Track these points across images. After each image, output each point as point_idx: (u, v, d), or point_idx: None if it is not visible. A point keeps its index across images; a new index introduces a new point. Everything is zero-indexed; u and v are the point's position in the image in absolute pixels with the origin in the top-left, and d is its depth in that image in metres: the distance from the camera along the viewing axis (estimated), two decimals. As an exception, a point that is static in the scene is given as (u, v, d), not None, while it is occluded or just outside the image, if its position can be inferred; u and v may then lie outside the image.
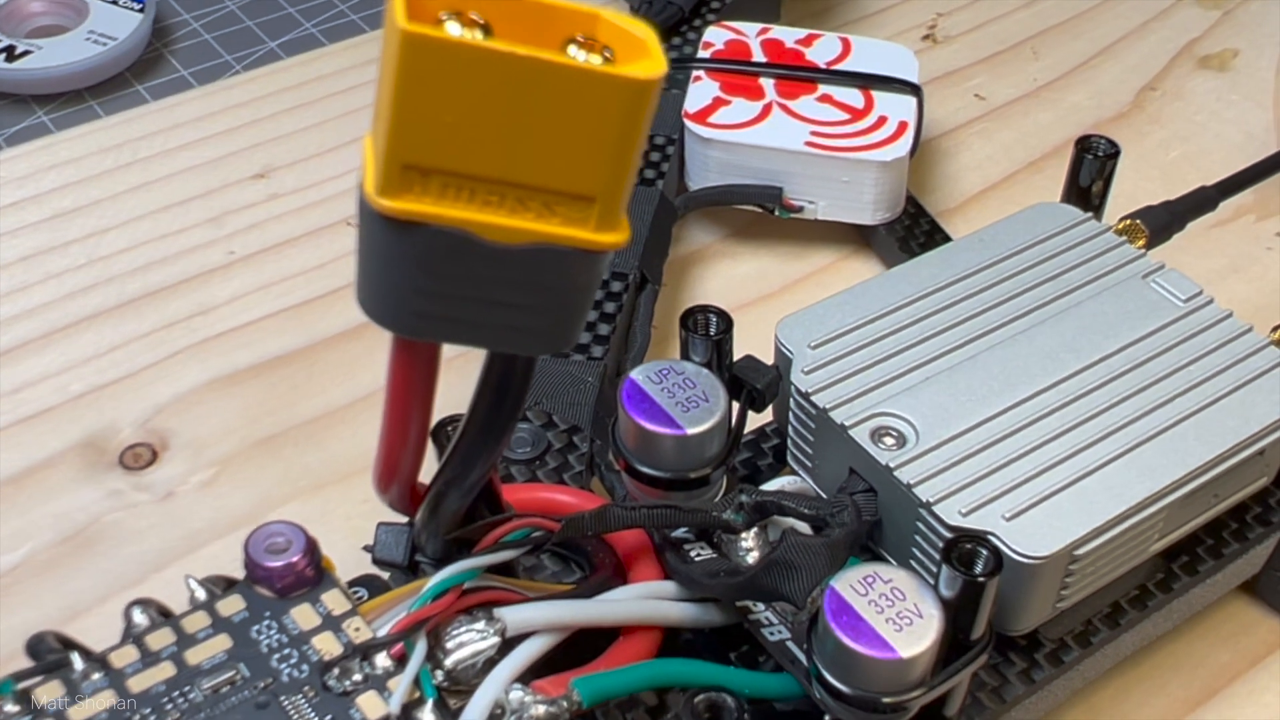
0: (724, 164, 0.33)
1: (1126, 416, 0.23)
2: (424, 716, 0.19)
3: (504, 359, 0.18)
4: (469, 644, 0.20)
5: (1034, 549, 0.21)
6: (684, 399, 0.23)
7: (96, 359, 0.32)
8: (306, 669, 0.19)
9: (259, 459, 0.30)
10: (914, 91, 0.34)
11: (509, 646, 0.20)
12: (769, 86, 0.34)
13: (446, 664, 0.20)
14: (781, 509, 0.22)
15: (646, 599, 0.22)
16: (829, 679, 0.20)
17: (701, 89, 0.34)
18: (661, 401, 0.23)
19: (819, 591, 0.20)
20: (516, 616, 0.21)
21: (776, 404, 0.25)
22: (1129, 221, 0.28)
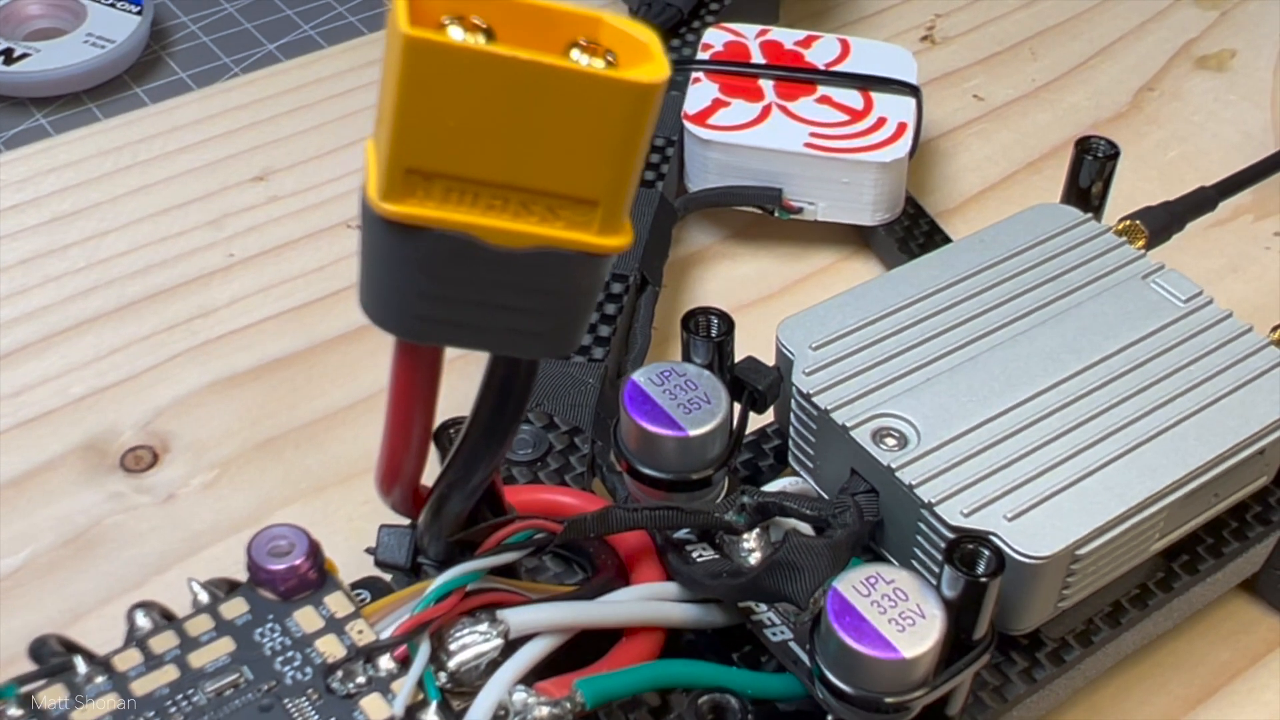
0: (723, 165, 0.33)
1: (1127, 417, 0.23)
2: (428, 718, 0.19)
3: (507, 362, 0.18)
4: (472, 646, 0.20)
5: (1036, 549, 0.21)
6: (686, 400, 0.23)
7: (97, 361, 0.32)
8: (310, 672, 0.19)
9: (260, 461, 0.30)
10: (913, 93, 0.34)
11: (512, 648, 0.20)
12: (768, 88, 0.34)
13: (450, 666, 0.20)
14: (784, 510, 0.22)
15: (649, 600, 0.22)
16: (832, 679, 0.20)
17: (700, 91, 0.34)
18: (663, 403, 0.23)
19: (821, 592, 0.20)
20: (520, 618, 0.21)
21: (777, 405, 0.25)
22: (1129, 222, 0.28)
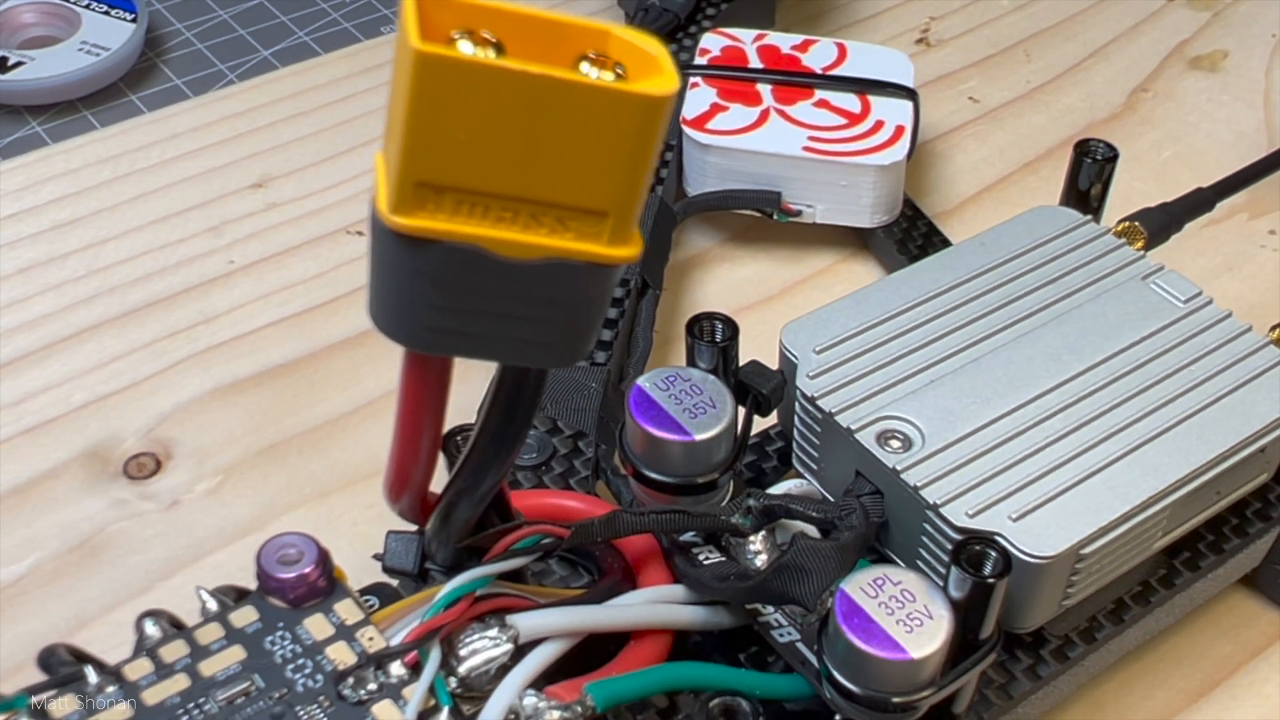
0: (722, 169, 0.33)
1: (1129, 416, 0.23)
2: (440, 724, 0.19)
3: (516, 372, 0.18)
4: (482, 651, 0.20)
5: (1041, 549, 0.21)
6: (691, 405, 0.23)
7: (99, 369, 0.32)
8: (321, 679, 0.20)
9: (263, 467, 0.30)
10: (910, 96, 0.34)
11: (521, 653, 0.20)
12: (766, 92, 0.34)
13: (460, 671, 0.20)
14: (789, 512, 0.22)
15: (657, 603, 0.22)
16: (840, 680, 0.20)
17: (699, 95, 0.34)
18: (669, 408, 0.23)
19: (829, 594, 0.20)
20: (529, 623, 0.21)
21: (781, 408, 0.25)
22: (1127, 224, 0.28)
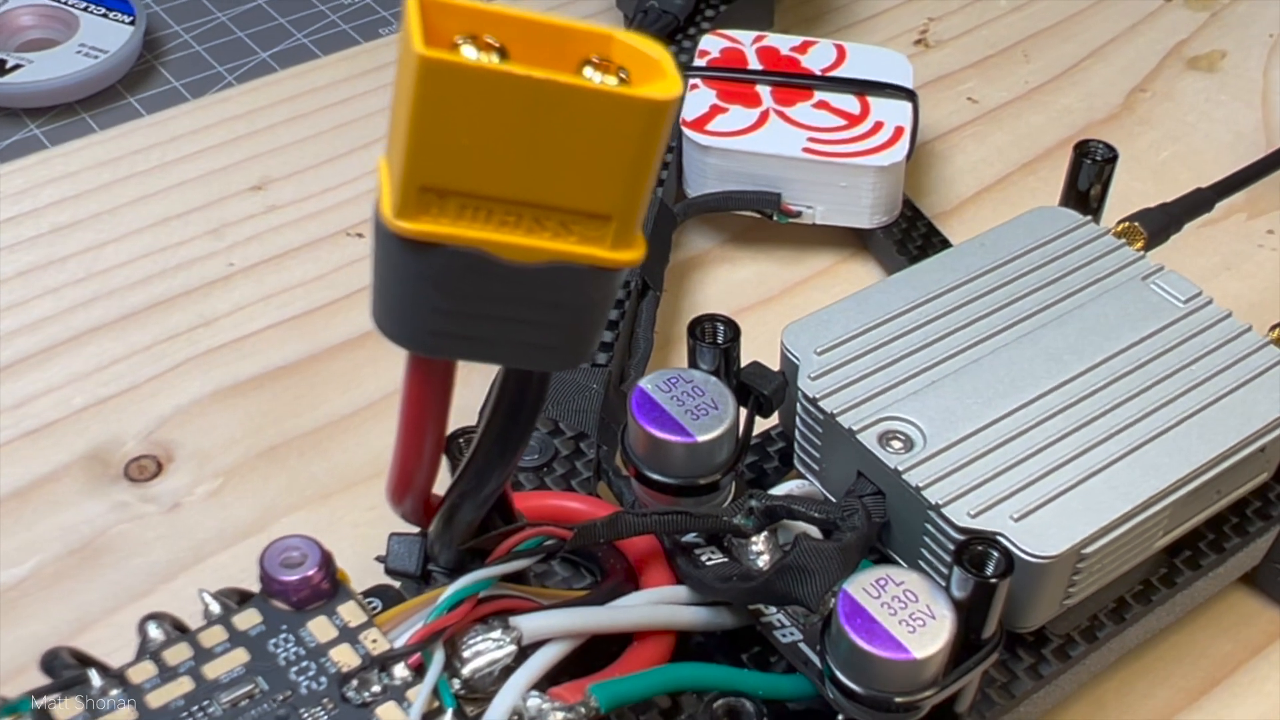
0: (722, 171, 0.33)
1: (1130, 416, 0.23)
2: (444, 726, 0.19)
3: (519, 375, 0.18)
4: (486, 653, 0.20)
5: (1042, 549, 0.21)
6: (693, 406, 0.23)
7: (99, 372, 0.32)
8: (325, 681, 0.20)
9: (264, 469, 0.30)
10: (909, 97, 0.34)
11: (525, 654, 0.21)
12: (765, 94, 0.34)
13: (464, 673, 0.20)
14: (792, 513, 0.22)
15: (659, 604, 0.22)
16: (843, 680, 0.20)
17: (698, 97, 0.34)
18: (671, 409, 0.23)
19: (832, 594, 0.20)
20: (532, 624, 0.21)
21: (782, 409, 0.25)
22: (1127, 224, 0.28)
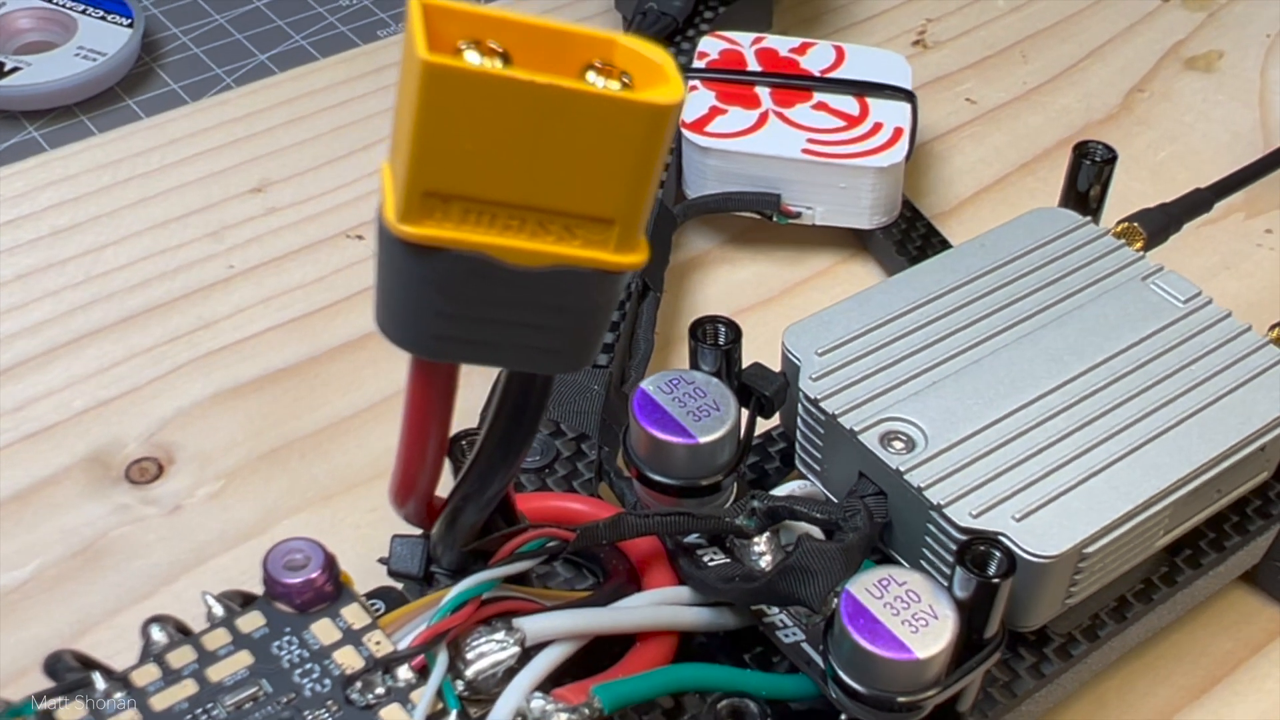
0: (722, 172, 0.33)
1: (1131, 416, 0.23)
2: (448, 727, 0.19)
3: (522, 378, 0.18)
4: (489, 654, 0.20)
5: (1044, 549, 0.21)
6: (695, 408, 0.23)
7: (99, 374, 0.32)
8: (329, 683, 0.20)
9: (265, 471, 0.30)
10: (908, 98, 0.34)
11: (528, 656, 0.21)
12: (765, 95, 0.34)
13: (467, 674, 0.20)
14: (794, 514, 0.22)
15: (662, 605, 0.22)
16: (845, 679, 0.20)
17: (698, 99, 0.34)
18: (673, 411, 0.23)
19: (834, 595, 0.20)
20: (535, 626, 0.21)
21: (783, 409, 0.25)
22: (1126, 225, 0.29)
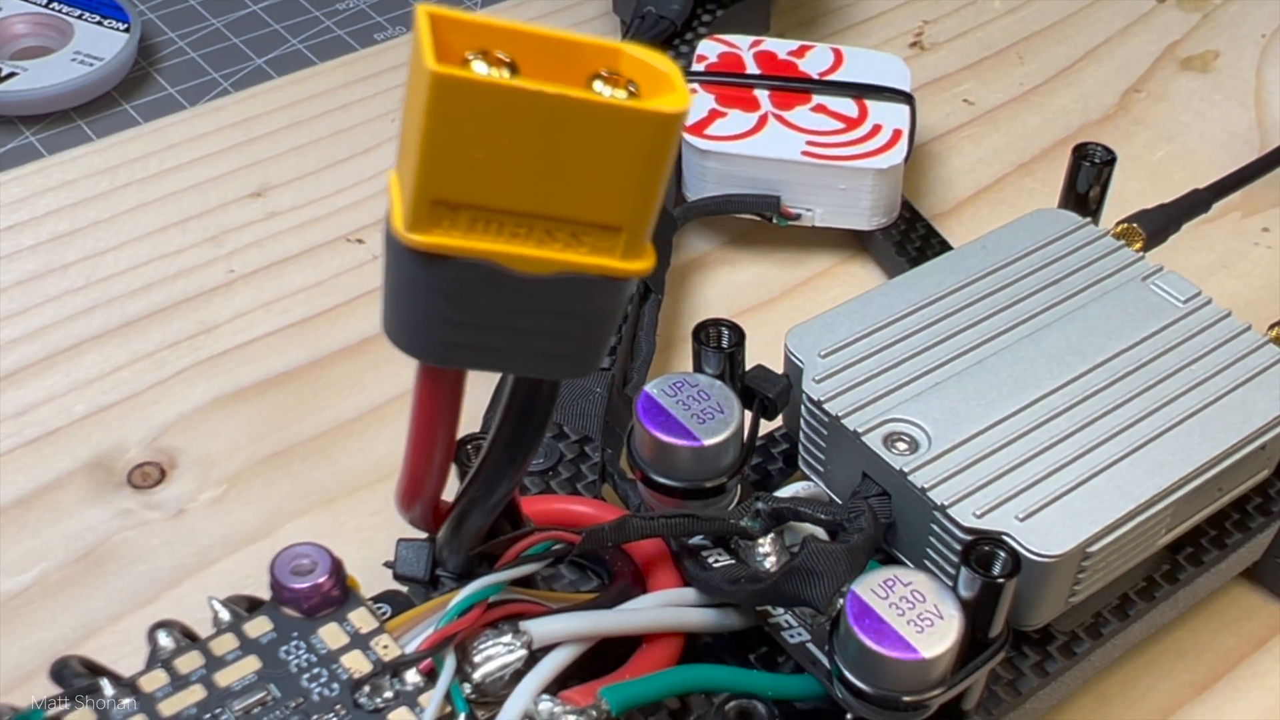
0: (721, 175, 0.33)
1: (1132, 416, 0.23)
2: (457, 731, 0.19)
3: (529, 383, 0.18)
4: (497, 657, 0.20)
5: (1048, 548, 0.21)
6: (699, 411, 0.23)
7: (100, 379, 0.32)
8: (337, 688, 0.20)
9: (268, 474, 0.30)
10: (907, 100, 0.34)
11: (535, 658, 0.21)
12: (764, 98, 0.34)
13: (475, 677, 0.20)
14: (798, 515, 0.23)
15: (668, 606, 0.22)
16: (851, 679, 0.20)
17: (697, 102, 0.34)
18: (677, 414, 0.23)
19: (840, 595, 0.21)
20: (542, 628, 0.21)
21: (786, 411, 0.25)
22: (1126, 225, 0.29)
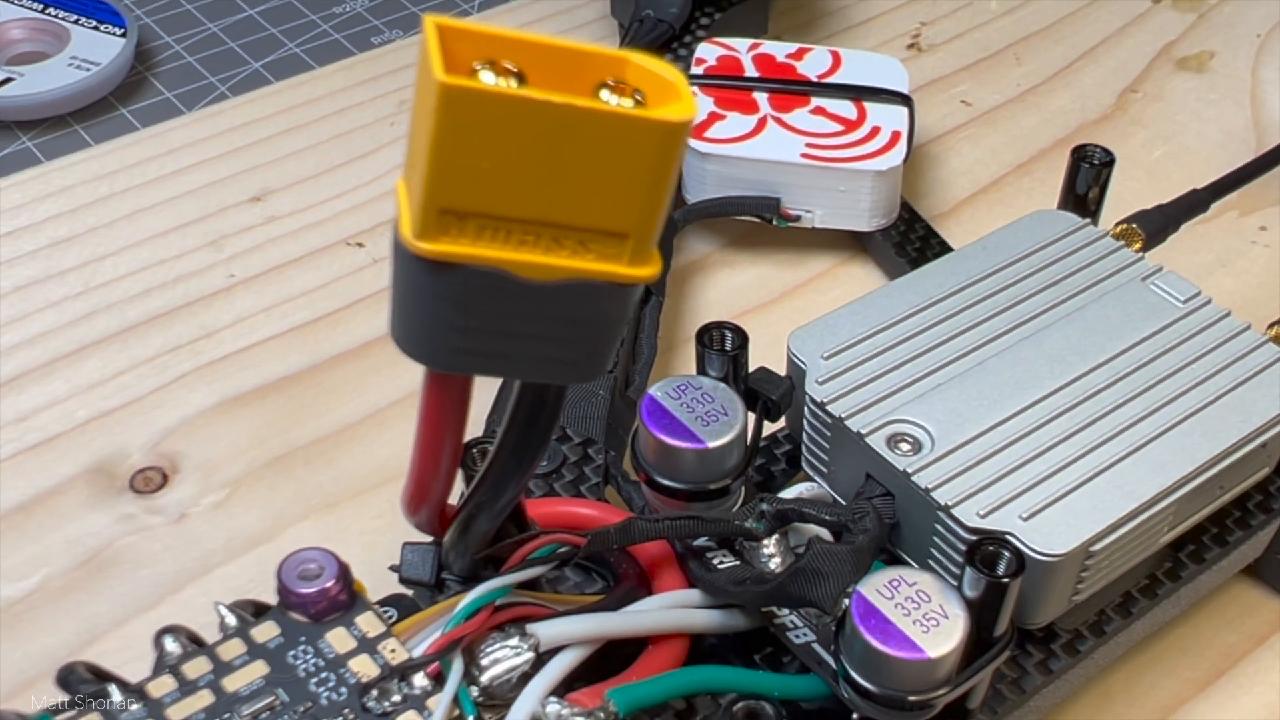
0: (721, 177, 0.34)
1: (1134, 416, 0.24)
2: (465, 734, 0.19)
3: (536, 388, 0.18)
4: (504, 660, 0.20)
5: (1051, 547, 0.22)
6: (703, 413, 0.23)
7: (101, 384, 0.32)
8: (345, 692, 0.20)
9: (270, 479, 0.30)
10: (905, 102, 0.35)
11: (542, 661, 0.21)
12: (763, 100, 0.35)
13: (482, 680, 0.20)
14: (803, 516, 0.23)
15: (673, 608, 0.22)
16: (857, 679, 0.20)
17: (696, 104, 0.34)
18: (681, 416, 0.23)
19: (845, 596, 0.21)
20: (549, 631, 0.21)
21: (789, 412, 0.25)
22: (1125, 226, 0.29)
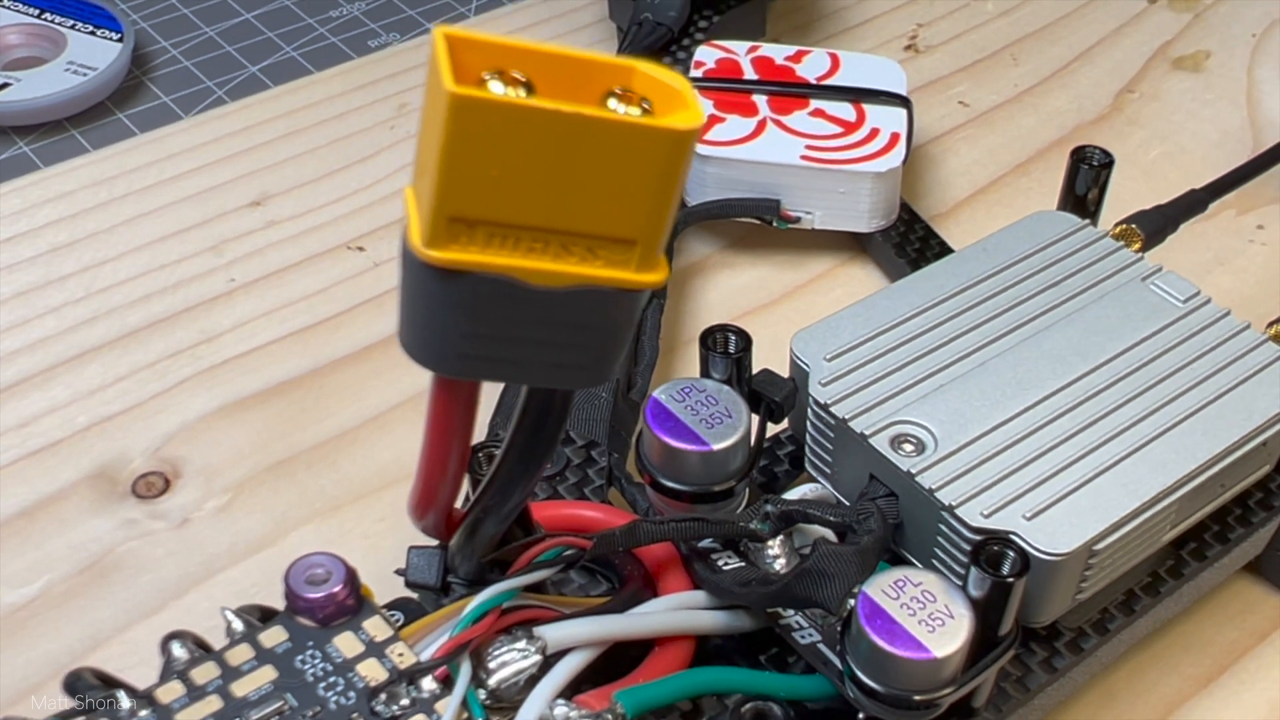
0: (721, 179, 0.34)
1: (1135, 415, 0.24)
2: (474, 737, 0.19)
3: (543, 393, 0.18)
4: (511, 663, 0.20)
5: (1055, 546, 0.22)
6: (707, 416, 0.23)
7: (102, 390, 0.32)
8: (354, 696, 0.20)
9: (273, 483, 0.30)
10: (903, 103, 0.35)
11: (549, 663, 0.21)
12: (762, 103, 0.35)
13: (490, 683, 0.20)
14: (807, 517, 0.23)
15: (679, 609, 0.23)
16: (863, 679, 0.20)
17: (695, 106, 0.35)
18: (685, 419, 0.23)
19: (851, 596, 0.21)
20: (556, 633, 0.21)
21: (792, 413, 0.26)
22: (1124, 226, 0.29)
